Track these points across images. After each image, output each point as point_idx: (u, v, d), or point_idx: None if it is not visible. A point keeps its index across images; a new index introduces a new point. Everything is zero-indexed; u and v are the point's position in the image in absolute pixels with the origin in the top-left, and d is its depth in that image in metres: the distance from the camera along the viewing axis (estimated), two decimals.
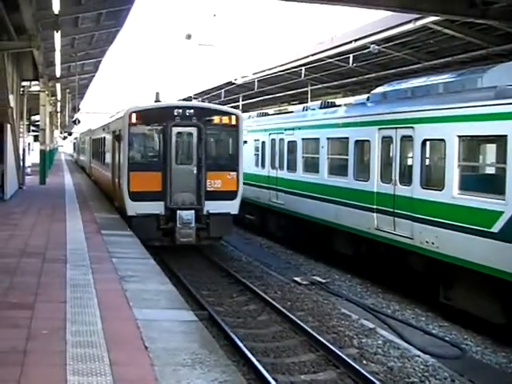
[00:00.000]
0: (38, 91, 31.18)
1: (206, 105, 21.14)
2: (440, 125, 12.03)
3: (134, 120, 16.90)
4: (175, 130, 16.83)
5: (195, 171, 16.92)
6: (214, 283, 14.49)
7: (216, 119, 17.43)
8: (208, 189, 16.87)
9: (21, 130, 30.16)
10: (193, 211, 16.56)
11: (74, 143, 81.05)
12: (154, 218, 16.50)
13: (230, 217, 17.20)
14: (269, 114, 24.90)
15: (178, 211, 16.46)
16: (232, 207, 17.25)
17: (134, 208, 16.61)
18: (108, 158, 22.05)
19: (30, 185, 28.09)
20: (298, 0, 14.62)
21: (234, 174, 17.31)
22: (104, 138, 24.45)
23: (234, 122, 17.52)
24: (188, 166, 16.96)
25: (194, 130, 16.97)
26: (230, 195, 17.20)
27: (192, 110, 17.13)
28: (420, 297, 13.42)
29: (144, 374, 5.75)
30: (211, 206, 16.83)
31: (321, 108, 18.42)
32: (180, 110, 17.00)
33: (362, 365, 9.14)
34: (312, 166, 18.03)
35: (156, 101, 18.62)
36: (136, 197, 16.64)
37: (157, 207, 16.51)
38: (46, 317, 7.46)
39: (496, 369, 10.01)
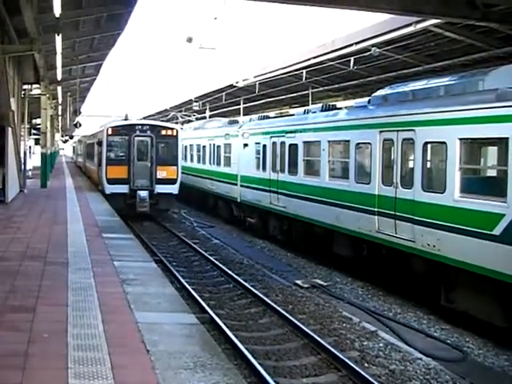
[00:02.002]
0: (39, 94, 31.23)
1: (156, 122, 29.80)
2: (441, 127, 12.03)
3: (110, 132, 25.81)
4: (136, 138, 25.46)
5: (149, 165, 25.32)
6: (215, 286, 14.48)
7: (163, 131, 26.05)
8: (158, 177, 25.33)
9: (22, 133, 30.20)
10: (147, 191, 24.89)
11: (74, 147, 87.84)
12: (123, 195, 24.84)
13: (172, 196, 25.89)
14: (270, 117, 24.92)
15: (138, 191, 24.80)
16: (173, 189, 25.71)
17: (109, 189, 25.19)
18: (95, 156, 31.25)
19: (31, 188, 28.09)
20: (300, 3, 14.60)
21: (174, 167, 25.87)
22: (93, 143, 33.37)
23: (174, 134, 26.23)
24: (145, 162, 25.37)
25: (148, 139, 25.50)
26: (172, 181, 25.64)
27: (147, 126, 26.08)
28: (421, 300, 13.40)
29: (145, 377, 5.75)
30: (159, 188, 25.29)
31: (322, 111, 18.42)
32: (140, 126, 25.97)
33: (364, 368, 9.12)
34: (313, 168, 18.02)
35: (125, 119, 28.32)
36: (111, 181, 25.28)
37: (124, 188, 24.97)
38: (48, 320, 7.46)
39: (498, 371, 9.98)
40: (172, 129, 26.59)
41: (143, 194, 24.68)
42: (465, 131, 11.38)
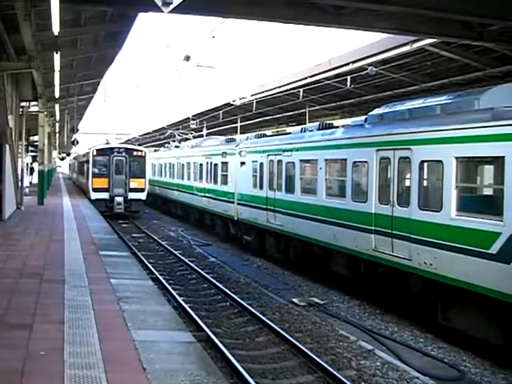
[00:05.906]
0: (37, 112, 31.25)
1: (130, 146, 38.60)
2: (437, 146, 12.08)
3: (95, 154, 34.88)
4: (115, 158, 34.32)
5: (124, 178, 34.07)
6: (212, 304, 14.45)
7: (134, 153, 35.11)
8: (130, 187, 34.03)
9: (19, 150, 30.21)
10: (123, 197, 33.60)
11: (70, 164, 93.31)
12: (104, 200, 33.30)
13: (141, 201, 34.62)
14: (267, 136, 24.96)
15: (115, 197, 33.55)
16: (142, 196, 34.60)
17: (94, 195, 33.86)
18: (84, 172, 40.10)
19: (28, 205, 28.07)
20: (301, 23, 14.70)
21: (143, 179, 34.81)
22: (83, 161, 43.45)
23: (143, 155, 35.42)
24: (121, 176, 34.10)
25: (123, 158, 34.36)
26: (141, 190, 34.51)
27: (123, 149, 35.21)
28: (418, 318, 13.37)
29: None
30: (132, 195, 34.00)
31: (319, 129, 18.48)
32: (117, 149, 35.05)
33: None
34: (310, 187, 18.05)
35: (106, 143, 39.18)
36: (95, 190, 33.97)
37: (105, 195, 33.59)
38: (44, 337, 7.45)
39: None
40: (141, 151, 36.12)
41: (119, 199, 33.56)
42: (461, 150, 11.44)
